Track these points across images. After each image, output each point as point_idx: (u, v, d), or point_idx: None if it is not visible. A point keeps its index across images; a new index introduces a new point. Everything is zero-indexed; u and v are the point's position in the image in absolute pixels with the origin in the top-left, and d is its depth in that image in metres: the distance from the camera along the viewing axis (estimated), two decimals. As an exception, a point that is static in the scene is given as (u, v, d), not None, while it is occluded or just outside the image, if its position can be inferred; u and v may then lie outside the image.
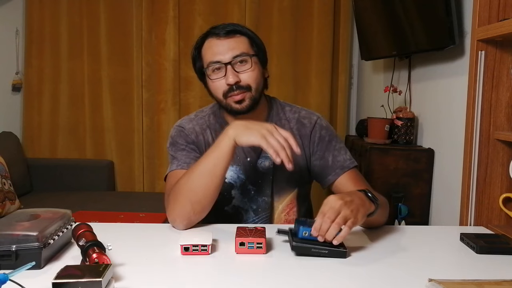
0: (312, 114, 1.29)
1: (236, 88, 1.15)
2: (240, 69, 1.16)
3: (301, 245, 0.92)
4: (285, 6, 2.99)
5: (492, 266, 0.92)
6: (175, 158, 1.22)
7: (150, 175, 3.11)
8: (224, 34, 1.16)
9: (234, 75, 1.14)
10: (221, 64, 1.15)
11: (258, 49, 1.21)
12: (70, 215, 1.00)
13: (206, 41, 1.20)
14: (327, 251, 0.91)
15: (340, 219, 0.90)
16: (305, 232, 0.93)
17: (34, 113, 3.08)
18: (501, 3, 1.20)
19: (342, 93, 3.10)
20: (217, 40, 1.17)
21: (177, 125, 1.29)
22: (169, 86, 3.02)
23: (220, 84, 1.17)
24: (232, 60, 1.15)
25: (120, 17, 3.02)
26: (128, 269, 0.85)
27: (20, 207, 2.36)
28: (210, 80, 1.18)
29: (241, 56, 1.16)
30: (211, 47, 1.17)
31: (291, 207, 1.28)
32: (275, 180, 1.24)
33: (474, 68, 1.22)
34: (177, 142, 1.25)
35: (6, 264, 0.81)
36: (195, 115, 1.31)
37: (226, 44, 1.16)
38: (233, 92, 1.15)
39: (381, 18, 2.31)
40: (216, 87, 1.18)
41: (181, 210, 1.09)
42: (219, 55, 1.15)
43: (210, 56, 1.17)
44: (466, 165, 1.25)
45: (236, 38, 1.17)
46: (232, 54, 1.15)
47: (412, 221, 1.92)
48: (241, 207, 1.25)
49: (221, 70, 1.16)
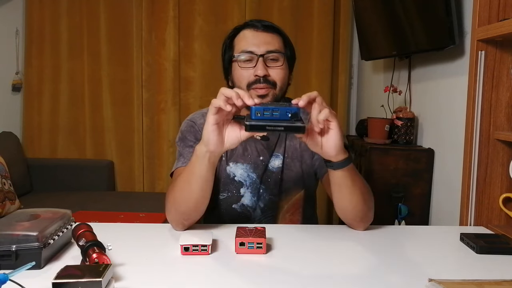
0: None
1: (262, 81, 1.14)
2: (271, 64, 1.16)
3: (256, 123, 0.84)
4: (285, 6, 2.99)
5: (492, 266, 0.92)
6: (182, 154, 1.21)
7: (150, 175, 3.11)
8: (262, 28, 1.17)
9: (264, 68, 1.14)
10: (253, 55, 1.15)
11: (290, 53, 1.21)
12: (70, 215, 1.00)
13: (241, 32, 1.19)
14: (283, 127, 0.84)
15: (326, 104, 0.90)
16: (258, 112, 0.85)
17: (34, 113, 3.09)
18: (501, 3, 1.20)
19: (342, 93, 3.10)
20: (254, 32, 1.17)
21: (189, 119, 1.28)
22: (169, 86, 3.03)
23: (247, 73, 1.16)
24: (265, 54, 1.15)
25: (120, 17, 3.03)
26: (128, 269, 0.85)
27: (20, 207, 2.36)
28: (239, 67, 1.17)
29: (275, 53, 1.16)
30: (246, 37, 1.18)
31: (296, 207, 1.28)
32: (283, 179, 1.25)
33: (474, 68, 1.22)
34: (186, 138, 1.24)
35: (6, 264, 0.81)
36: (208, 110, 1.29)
37: (262, 37, 1.16)
38: (258, 84, 1.15)
39: (381, 18, 2.30)
40: (242, 76, 1.17)
41: (171, 215, 1.09)
42: (253, 46, 1.16)
43: (243, 45, 1.17)
44: (466, 165, 1.25)
45: (273, 34, 1.18)
46: (266, 48, 1.15)
47: (412, 221, 1.92)
48: (249, 205, 1.25)
49: (252, 61, 1.16)
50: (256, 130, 0.86)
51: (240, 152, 1.24)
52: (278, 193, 1.25)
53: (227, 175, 1.23)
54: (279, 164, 1.24)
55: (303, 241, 1.06)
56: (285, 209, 1.27)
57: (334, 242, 1.05)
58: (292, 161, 1.24)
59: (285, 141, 1.25)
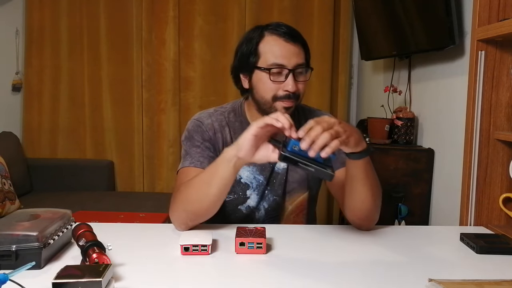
0: (323, 113, 1.32)
1: (292, 97, 1.14)
2: (299, 78, 1.15)
3: (290, 156, 0.87)
4: (285, 6, 2.99)
5: (492, 266, 0.92)
6: (189, 154, 1.20)
7: (150, 175, 3.11)
8: (291, 38, 1.14)
9: (295, 84, 1.13)
10: (284, 69, 1.13)
11: (309, 59, 1.21)
12: (70, 215, 1.00)
13: (267, 37, 1.16)
14: (314, 168, 0.87)
15: (332, 131, 0.87)
16: (295, 146, 0.88)
17: (34, 113, 3.08)
18: (501, 3, 1.20)
19: (342, 93, 3.10)
20: (283, 42, 1.14)
21: (196, 118, 1.26)
22: (169, 86, 3.02)
23: (275, 87, 1.14)
24: (295, 68, 1.14)
25: (120, 17, 3.02)
26: (128, 269, 0.85)
27: (20, 207, 2.36)
28: (270, 81, 1.14)
29: (302, 67, 1.15)
30: (276, 46, 1.14)
31: (301, 209, 1.28)
32: (288, 180, 1.25)
33: (474, 68, 1.22)
34: (192, 137, 1.22)
35: (6, 264, 0.81)
36: (215, 110, 1.27)
37: (291, 49, 1.14)
38: (288, 99, 1.14)
39: (381, 18, 2.31)
40: (271, 89, 1.15)
41: (177, 215, 1.09)
42: (284, 59, 1.13)
43: (274, 56, 1.13)
44: (466, 165, 1.25)
45: (299, 46, 1.16)
46: (296, 62, 1.14)
47: (412, 221, 1.92)
48: (255, 207, 1.25)
49: (282, 74, 1.14)
50: (288, 162, 0.89)
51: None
52: (282, 194, 1.25)
53: None
54: (285, 165, 1.24)
55: (303, 241, 1.06)
56: (290, 210, 1.27)
57: (334, 242, 1.05)
58: None
59: None
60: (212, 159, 1.18)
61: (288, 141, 0.90)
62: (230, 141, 1.22)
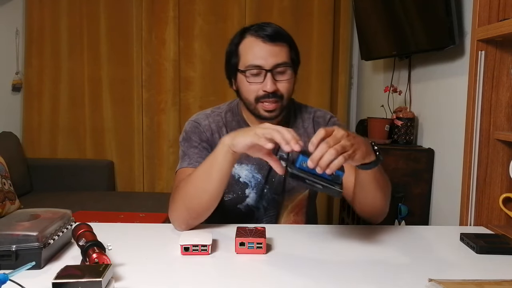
0: (326, 113, 1.32)
1: (271, 96, 1.14)
2: (278, 78, 1.15)
3: (297, 173, 0.87)
4: (285, 6, 2.99)
5: (492, 266, 0.92)
6: (187, 155, 1.21)
7: (150, 175, 3.11)
8: (270, 39, 1.14)
9: (273, 84, 1.13)
10: (261, 70, 1.14)
11: (296, 57, 1.21)
12: (70, 215, 1.00)
13: (247, 38, 1.17)
14: (322, 186, 0.86)
15: (339, 147, 0.85)
16: (304, 163, 0.87)
17: (34, 113, 3.08)
18: (501, 3, 1.20)
19: (342, 93, 3.10)
20: (261, 43, 1.14)
21: (193, 120, 1.27)
22: (169, 86, 3.02)
23: (255, 88, 1.15)
24: (273, 68, 1.14)
25: (120, 17, 3.02)
26: (128, 269, 0.85)
27: (20, 207, 2.36)
28: (247, 82, 1.16)
29: (282, 66, 1.15)
30: (253, 48, 1.15)
31: (300, 208, 1.28)
32: (287, 179, 1.25)
33: (474, 68, 1.22)
34: (190, 138, 1.23)
35: (6, 264, 0.81)
36: (212, 111, 1.29)
37: (269, 49, 1.14)
38: (267, 99, 1.14)
39: (381, 18, 2.31)
40: (251, 90, 1.16)
41: (178, 214, 1.09)
42: (261, 60, 1.13)
43: (251, 58, 1.14)
44: (466, 165, 1.25)
45: (280, 45, 1.15)
46: (274, 62, 1.14)
47: (412, 221, 1.92)
48: (254, 205, 1.26)
49: (260, 75, 1.14)
50: (295, 179, 0.88)
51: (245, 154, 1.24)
52: (281, 192, 1.25)
53: (232, 176, 1.23)
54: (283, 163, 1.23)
55: (303, 241, 1.06)
56: (289, 208, 1.27)
57: (334, 242, 1.05)
58: None
59: None
60: None
61: (296, 157, 0.90)
62: None
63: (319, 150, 0.85)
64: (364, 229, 1.13)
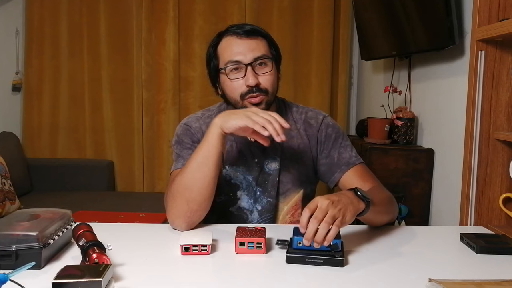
0: (319, 113, 1.30)
1: (255, 91, 1.14)
2: (260, 71, 1.15)
3: (295, 255, 0.89)
4: (285, 6, 2.99)
5: (492, 266, 0.92)
6: (180, 156, 1.21)
7: (150, 175, 3.11)
8: (245, 34, 1.14)
9: (254, 77, 1.13)
10: (241, 65, 1.14)
11: (276, 52, 1.20)
12: (70, 215, 1.00)
13: (224, 39, 1.17)
14: (323, 260, 0.88)
15: (328, 218, 0.87)
16: (300, 242, 0.90)
17: (34, 113, 3.08)
18: (501, 3, 1.20)
19: (342, 93, 3.10)
20: (237, 39, 1.14)
21: (184, 123, 1.27)
22: (169, 86, 3.03)
23: (238, 84, 1.15)
24: (253, 62, 1.14)
25: (120, 17, 3.02)
26: (128, 269, 0.85)
27: (20, 207, 2.35)
28: (229, 80, 1.16)
29: (262, 58, 1.15)
30: (231, 45, 1.15)
31: (296, 209, 1.27)
32: (281, 181, 1.24)
33: (474, 68, 1.22)
34: (182, 141, 1.23)
35: (6, 264, 0.81)
36: (202, 114, 1.29)
37: (247, 44, 1.14)
38: (252, 94, 1.14)
39: (381, 18, 2.31)
40: (234, 88, 1.16)
41: (178, 210, 1.08)
42: (239, 55, 1.14)
43: (229, 55, 1.15)
44: (466, 165, 1.25)
45: (257, 39, 1.15)
46: (253, 55, 1.14)
47: (412, 221, 1.92)
48: (246, 208, 1.25)
49: (240, 70, 1.15)
50: (296, 262, 0.90)
51: (235, 155, 1.24)
52: (276, 195, 1.24)
53: (223, 178, 1.23)
54: (276, 166, 1.23)
55: (303, 241, 1.05)
56: (285, 211, 1.26)
57: (334, 242, 1.05)
58: (290, 162, 1.24)
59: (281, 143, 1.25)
60: None
61: (292, 240, 0.93)
62: None
63: (310, 227, 0.87)
64: (364, 229, 1.13)
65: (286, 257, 0.90)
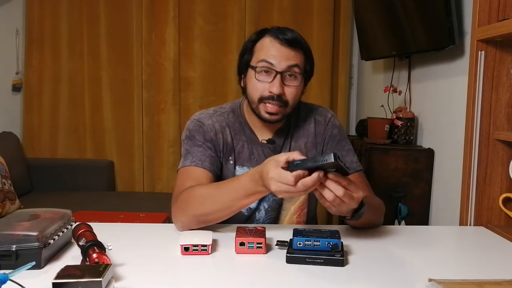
0: (327, 111, 1.32)
1: (276, 99, 1.13)
2: (288, 82, 1.14)
3: (295, 255, 0.90)
4: (285, 6, 2.99)
5: (492, 266, 0.92)
6: (190, 153, 1.19)
7: (150, 175, 3.11)
8: (287, 43, 1.13)
9: (280, 86, 1.12)
10: (272, 70, 1.13)
11: (310, 68, 1.20)
12: (70, 215, 1.00)
13: (265, 37, 1.16)
14: (323, 260, 0.89)
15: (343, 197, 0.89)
16: (300, 243, 0.91)
17: (34, 113, 3.08)
18: (501, 3, 1.20)
19: (342, 93, 3.10)
20: (278, 44, 1.13)
21: (196, 119, 1.25)
22: (169, 86, 3.02)
23: (262, 87, 1.14)
24: (284, 71, 1.13)
25: (120, 17, 3.02)
26: (128, 269, 0.85)
27: (20, 207, 2.36)
28: (255, 79, 1.15)
29: (294, 68, 1.14)
30: (270, 47, 1.14)
31: (302, 209, 1.28)
32: None
33: (474, 68, 1.22)
34: (194, 137, 1.22)
35: (6, 264, 0.81)
36: (214, 111, 1.27)
37: (285, 52, 1.13)
38: (271, 101, 1.13)
39: (381, 18, 2.31)
40: (257, 88, 1.15)
41: (185, 223, 1.08)
42: (274, 59, 1.12)
43: (264, 54, 1.13)
44: (466, 165, 1.25)
45: (296, 51, 1.14)
46: (286, 64, 1.13)
47: (412, 221, 1.92)
48: (255, 207, 1.25)
49: (270, 75, 1.13)
50: (297, 263, 0.90)
51: (247, 156, 1.24)
52: None
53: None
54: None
55: (303, 241, 1.05)
56: (292, 211, 1.27)
57: (334, 242, 1.05)
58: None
59: (290, 143, 1.26)
60: (213, 159, 1.18)
61: (292, 240, 0.93)
62: (231, 141, 1.23)
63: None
64: (364, 229, 1.13)
65: (286, 257, 0.91)
